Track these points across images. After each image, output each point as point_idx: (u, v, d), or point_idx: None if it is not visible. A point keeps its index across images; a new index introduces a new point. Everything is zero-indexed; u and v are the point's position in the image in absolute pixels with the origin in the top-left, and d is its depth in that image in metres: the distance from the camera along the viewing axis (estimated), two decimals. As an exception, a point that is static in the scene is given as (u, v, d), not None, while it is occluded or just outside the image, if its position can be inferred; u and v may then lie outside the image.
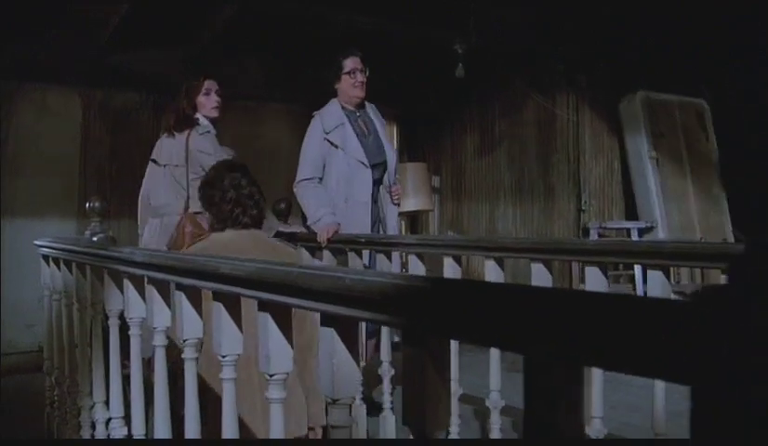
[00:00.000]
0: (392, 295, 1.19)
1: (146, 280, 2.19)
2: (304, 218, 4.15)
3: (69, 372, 3.29)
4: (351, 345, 1.46)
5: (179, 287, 1.96)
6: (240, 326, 1.78)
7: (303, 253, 4.28)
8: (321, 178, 4.10)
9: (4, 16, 4.79)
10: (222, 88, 4.26)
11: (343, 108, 4.19)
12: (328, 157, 4.09)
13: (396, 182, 4.26)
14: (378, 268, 3.69)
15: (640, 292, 5.95)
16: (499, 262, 2.99)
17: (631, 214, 6.54)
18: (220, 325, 1.75)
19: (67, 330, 3.25)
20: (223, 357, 1.76)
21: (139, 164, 5.97)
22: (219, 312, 1.75)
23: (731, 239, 6.68)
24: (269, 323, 1.56)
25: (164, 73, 5.58)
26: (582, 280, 5.92)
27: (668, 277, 2.57)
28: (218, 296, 1.76)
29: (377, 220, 4.16)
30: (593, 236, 6.13)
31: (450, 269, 3.20)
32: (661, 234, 6.25)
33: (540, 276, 2.78)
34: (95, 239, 3.68)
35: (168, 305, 2.20)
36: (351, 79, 4.16)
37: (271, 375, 1.58)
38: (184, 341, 1.96)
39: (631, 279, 6.18)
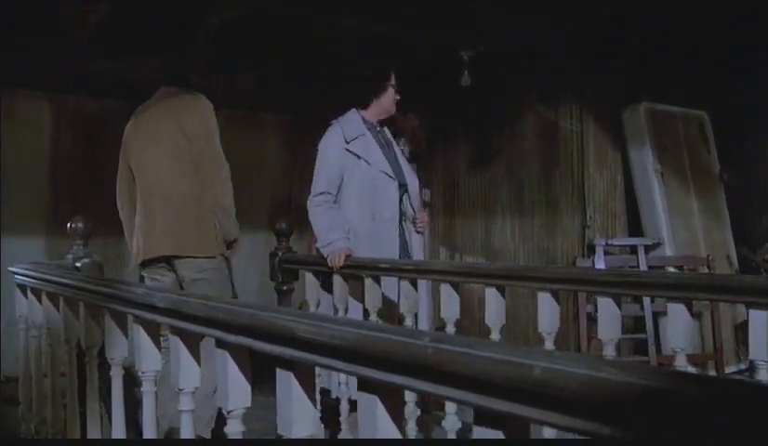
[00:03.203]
0: (625, 399, 0.81)
1: (170, 329, 1.78)
2: None
3: (53, 421, 2.84)
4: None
5: (222, 344, 1.55)
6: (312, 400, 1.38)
7: (309, 278, 3.90)
8: (336, 195, 3.73)
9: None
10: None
11: (364, 120, 3.83)
12: (349, 169, 3.70)
13: (422, 209, 3.89)
14: (403, 299, 3.31)
15: (648, 312, 5.67)
16: (555, 295, 2.63)
17: (634, 230, 6.25)
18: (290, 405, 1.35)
19: (51, 373, 2.80)
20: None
21: (116, 178, 5.53)
22: (290, 391, 1.34)
23: (734, 256, 6.46)
24: (377, 407, 1.17)
25: (143, 80, 5.13)
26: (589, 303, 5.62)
27: (690, 308, 2.26)
28: (287, 364, 1.36)
29: (404, 244, 3.78)
30: (599, 253, 5.82)
31: (494, 303, 2.83)
32: (668, 251, 5.97)
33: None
34: (78, 264, 3.24)
35: (198, 360, 1.79)
36: (395, 93, 3.82)
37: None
38: (229, 412, 1.56)
39: (636, 299, 5.88)
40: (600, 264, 5.79)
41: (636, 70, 6.08)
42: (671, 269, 5.88)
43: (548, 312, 2.62)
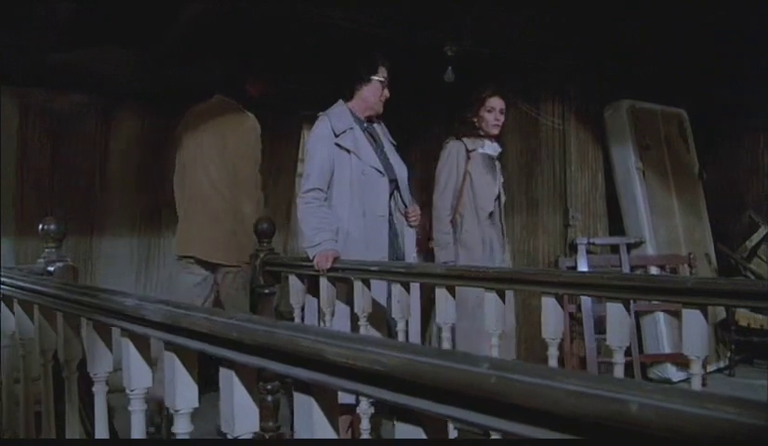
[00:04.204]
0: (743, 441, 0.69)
1: (165, 345, 1.62)
2: None
3: (26, 433, 2.65)
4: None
5: (229, 364, 1.40)
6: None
7: (294, 281, 3.75)
8: (327, 190, 3.57)
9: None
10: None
11: (351, 113, 3.67)
12: (338, 164, 3.54)
13: (413, 202, 3.75)
14: (395, 303, 3.18)
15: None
16: (560, 300, 2.52)
17: (615, 228, 6.20)
18: None
19: (24, 386, 2.61)
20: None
21: (86, 174, 5.32)
22: (310, 418, 1.21)
23: (713, 254, 6.44)
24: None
25: (115, 75, 4.93)
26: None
27: (705, 315, 2.17)
28: (307, 388, 1.21)
29: (396, 243, 3.64)
30: (581, 253, 5.75)
31: (493, 307, 2.71)
32: (650, 250, 5.93)
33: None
34: (51, 269, 3.05)
35: (195, 379, 1.64)
36: (381, 89, 3.66)
37: None
38: (236, 438, 1.41)
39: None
40: (582, 263, 5.72)
41: (618, 67, 6.02)
42: (653, 269, 5.85)
43: (552, 317, 2.51)
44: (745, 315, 5.77)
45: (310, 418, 1.21)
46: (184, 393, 1.60)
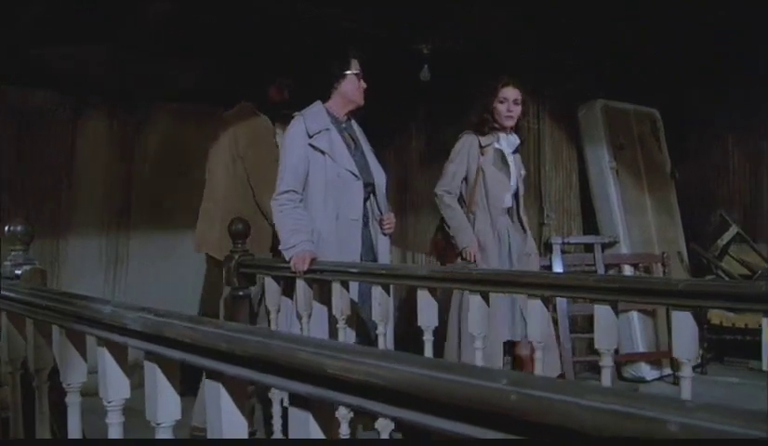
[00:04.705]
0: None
1: (146, 355, 1.54)
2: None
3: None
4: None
5: (216, 376, 1.33)
6: None
7: (269, 283, 3.67)
8: (302, 192, 3.50)
9: None
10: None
11: (328, 113, 3.60)
12: (313, 166, 3.47)
13: (390, 210, 3.69)
14: (376, 305, 3.11)
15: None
16: (545, 301, 2.48)
17: (588, 227, 6.20)
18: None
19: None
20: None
21: (52, 174, 5.16)
22: (307, 433, 1.14)
23: (685, 253, 6.48)
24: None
25: (84, 73, 4.80)
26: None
27: (697, 318, 2.15)
28: (304, 402, 1.15)
29: (370, 247, 3.57)
30: (556, 252, 5.73)
31: (478, 311, 2.66)
32: (624, 249, 5.94)
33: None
34: (18, 272, 2.94)
35: (177, 390, 1.56)
36: (358, 81, 3.59)
37: None
38: (223, 454, 1.34)
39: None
40: (557, 262, 5.71)
41: (591, 67, 6.03)
42: (627, 268, 5.86)
43: (539, 319, 2.47)
44: (717, 313, 5.80)
45: (307, 434, 1.14)
46: (167, 406, 1.52)
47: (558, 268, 5.69)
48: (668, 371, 5.84)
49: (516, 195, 4.34)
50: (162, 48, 4.79)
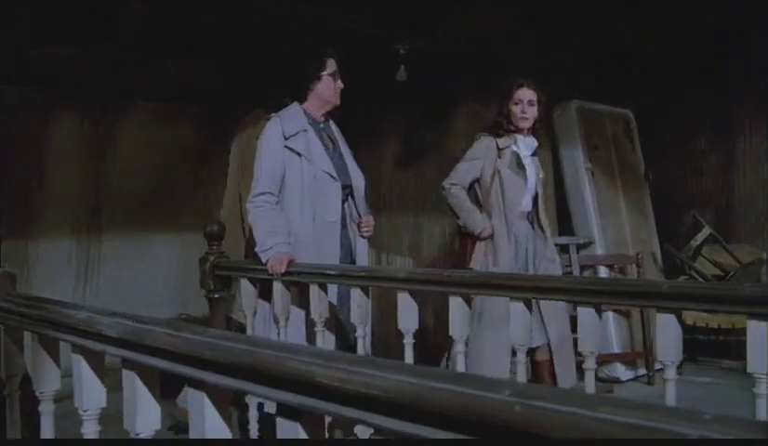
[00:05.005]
0: None
1: (123, 362, 1.49)
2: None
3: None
4: None
5: (199, 385, 1.28)
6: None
7: (246, 285, 3.61)
8: (278, 194, 3.45)
9: None
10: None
11: (306, 114, 3.55)
12: (289, 168, 3.42)
13: (368, 212, 3.65)
14: (355, 307, 3.07)
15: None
16: (527, 303, 2.45)
17: (563, 229, 6.21)
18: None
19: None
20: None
21: (22, 174, 5.05)
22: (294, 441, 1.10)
23: (659, 254, 6.51)
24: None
25: (57, 72, 4.70)
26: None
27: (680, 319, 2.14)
28: (294, 413, 1.10)
29: (348, 250, 3.53)
30: (532, 253, 5.73)
31: (458, 313, 2.63)
32: (599, 250, 5.95)
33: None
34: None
35: (157, 398, 1.51)
36: (334, 81, 3.54)
37: None
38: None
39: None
40: (532, 264, 5.71)
41: (566, 68, 6.04)
42: (602, 269, 5.87)
43: (521, 322, 2.44)
44: (691, 314, 5.83)
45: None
46: (146, 415, 1.47)
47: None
48: (642, 371, 5.86)
49: (535, 199, 4.22)
50: (137, 47, 4.71)
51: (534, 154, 4.29)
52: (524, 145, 4.23)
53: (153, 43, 4.86)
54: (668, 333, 2.10)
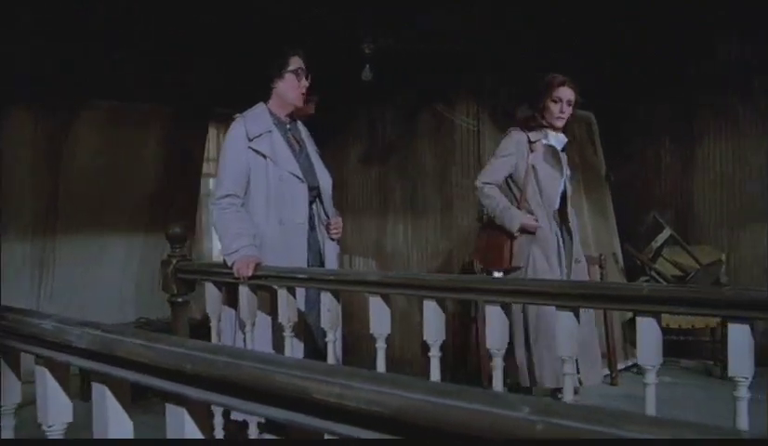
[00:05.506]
0: None
1: (93, 375, 1.40)
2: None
3: None
4: None
5: (178, 400, 1.20)
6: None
7: (210, 289, 3.51)
8: (243, 196, 3.36)
9: None
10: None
11: (272, 114, 3.46)
12: (254, 170, 3.34)
13: (337, 214, 3.57)
14: (325, 312, 3.00)
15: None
16: (505, 308, 2.41)
17: (527, 230, 6.21)
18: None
19: None
20: None
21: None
22: None
23: (620, 255, 6.56)
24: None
25: (8, 72, 4.53)
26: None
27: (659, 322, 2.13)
28: (283, 430, 1.03)
29: (317, 252, 3.45)
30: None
31: (433, 318, 2.58)
32: (562, 252, 5.96)
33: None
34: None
35: (128, 412, 1.42)
36: (297, 81, 3.44)
37: None
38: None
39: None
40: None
41: (529, 69, 6.04)
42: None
43: (498, 327, 2.40)
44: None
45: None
46: (117, 429, 1.39)
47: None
48: (606, 371, 5.89)
49: (564, 196, 4.11)
50: (95, 44, 4.57)
51: (563, 150, 4.16)
52: (556, 140, 4.11)
53: (113, 40, 4.73)
54: (648, 336, 2.08)
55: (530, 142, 4.02)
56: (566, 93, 4.04)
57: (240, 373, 1.05)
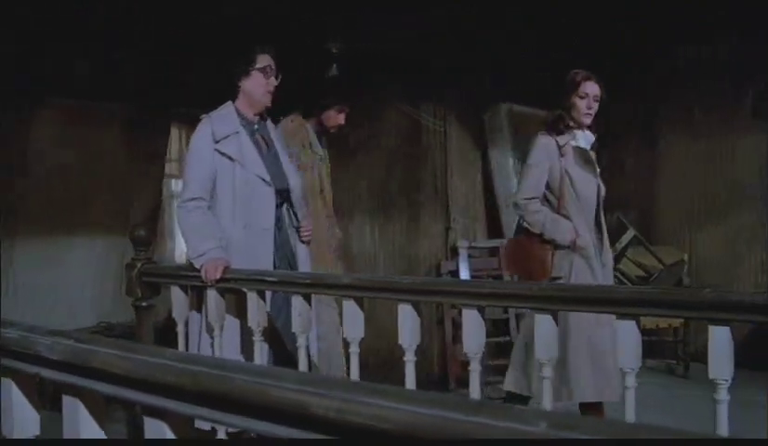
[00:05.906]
0: None
1: (65, 387, 1.33)
2: None
3: None
4: None
5: (160, 414, 1.14)
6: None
7: (176, 293, 3.43)
8: (210, 199, 3.28)
9: None
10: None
11: (239, 114, 3.38)
12: (220, 172, 3.25)
13: (306, 216, 3.50)
14: (296, 315, 2.94)
15: (511, 314, 5.62)
16: (481, 311, 2.38)
17: (493, 231, 6.22)
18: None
19: None
20: None
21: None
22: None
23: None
24: None
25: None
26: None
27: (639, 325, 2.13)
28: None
29: (285, 256, 3.38)
30: (463, 256, 5.71)
31: (408, 321, 2.54)
32: (528, 253, 5.97)
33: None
34: None
35: (103, 427, 1.36)
36: (265, 79, 3.36)
37: None
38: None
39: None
40: (464, 267, 5.69)
41: (497, 71, 6.05)
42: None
43: (474, 331, 2.37)
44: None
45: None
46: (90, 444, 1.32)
47: (464, 272, 5.66)
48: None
49: (598, 198, 3.90)
50: (52, 41, 4.44)
51: (592, 148, 3.99)
52: (584, 140, 3.92)
53: (70, 38, 4.60)
54: (627, 339, 2.06)
55: (559, 146, 3.83)
56: (593, 88, 3.85)
57: (232, 387, 0.99)
